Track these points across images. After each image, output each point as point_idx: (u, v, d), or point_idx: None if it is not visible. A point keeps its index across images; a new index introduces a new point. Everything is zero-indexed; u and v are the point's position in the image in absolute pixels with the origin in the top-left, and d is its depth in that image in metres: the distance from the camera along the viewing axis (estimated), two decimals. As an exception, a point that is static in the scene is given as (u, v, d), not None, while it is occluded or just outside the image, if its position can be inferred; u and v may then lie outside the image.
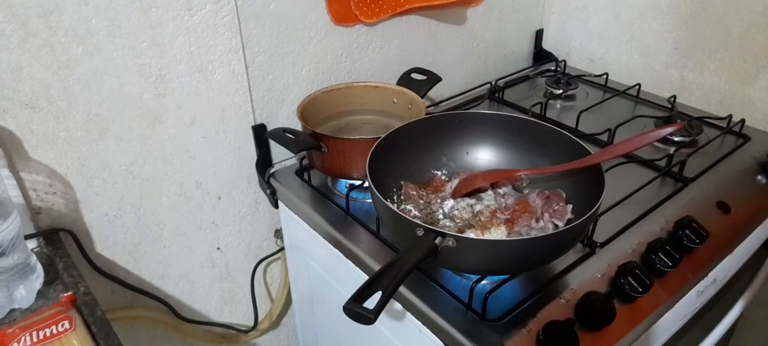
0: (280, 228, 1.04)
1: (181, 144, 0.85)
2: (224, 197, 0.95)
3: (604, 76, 1.21)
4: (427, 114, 0.85)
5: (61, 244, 0.75)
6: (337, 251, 0.82)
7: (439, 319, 0.65)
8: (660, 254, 0.71)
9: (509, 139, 0.81)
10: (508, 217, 0.72)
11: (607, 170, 0.71)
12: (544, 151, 0.78)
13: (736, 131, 1.00)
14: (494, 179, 0.77)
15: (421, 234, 0.59)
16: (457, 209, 0.74)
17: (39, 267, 0.69)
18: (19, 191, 0.72)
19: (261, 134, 0.92)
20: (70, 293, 0.66)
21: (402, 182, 0.78)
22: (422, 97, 0.91)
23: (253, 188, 0.98)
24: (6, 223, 0.61)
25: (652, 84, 1.19)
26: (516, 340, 0.62)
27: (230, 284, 1.04)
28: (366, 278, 0.62)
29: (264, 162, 0.95)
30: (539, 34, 1.34)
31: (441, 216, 0.74)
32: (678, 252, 0.71)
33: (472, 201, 0.75)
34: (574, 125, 1.02)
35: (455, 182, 0.78)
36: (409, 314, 0.71)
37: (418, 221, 0.60)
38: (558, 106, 1.14)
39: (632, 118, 1.02)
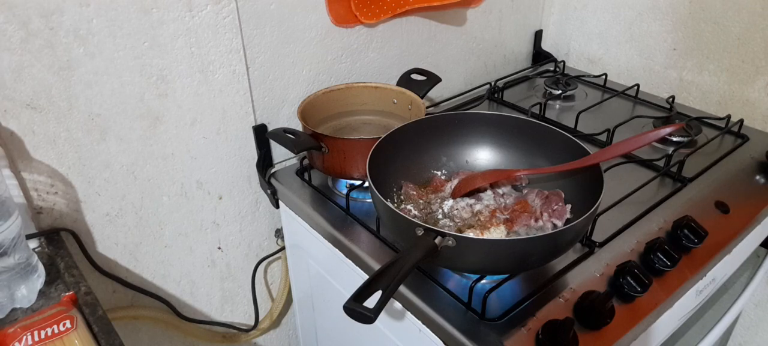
0: (281, 228, 1.04)
1: (182, 144, 0.86)
2: (225, 196, 0.95)
3: (603, 76, 1.21)
4: (426, 114, 0.85)
5: (62, 244, 0.76)
6: (337, 250, 0.82)
7: (439, 318, 0.66)
8: (659, 254, 0.72)
9: (508, 140, 0.81)
10: (508, 217, 0.73)
11: (606, 170, 0.72)
12: (543, 152, 0.78)
13: (734, 131, 1.00)
14: (493, 178, 0.77)
15: (420, 234, 0.59)
16: (457, 209, 0.75)
17: (40, 267, 0.69)
18: (20, 190, 0.72)
19: (262, 134, 0.93)
20: (71, 293, 0.66)
21: (402, 182, 0.79)
22: (422, 97, 0.91)
23: (254, 188, 0.98)
24: (7, 223, 0.61)
25: (650, 84, 1.20)
26: (515, 339, 0.62)
27: (231, 283, 1.04)
28: (366, 277, 0.62)
29: (265, 162, 0.96)
30: (538, 35, 1.35)
31: (441, 216, 0.74)
32: (677, 252, 0.72)
33: (471, 201, 0.76)
34: (573, 126, 1.02)
35: (455, 181, 0.78)
36: (409, 313, 0.71)
37: (418, 221, 0.60)
38: (557, 106, 1.14)
39: (631, 119, 1.02)
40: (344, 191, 0.86)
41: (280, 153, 0.98)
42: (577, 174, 0.73)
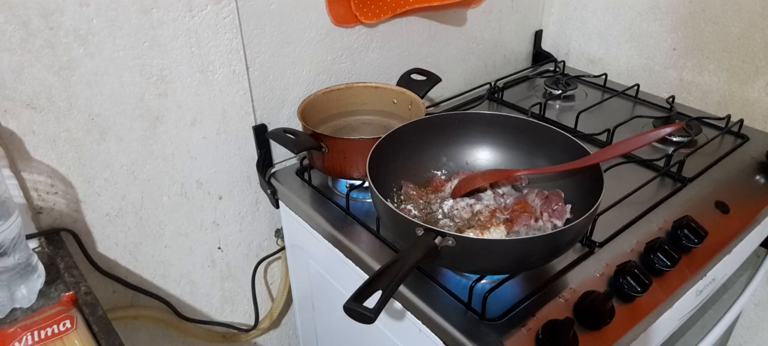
0: (281, 228, 1.04)
1: (182, 144, 0.86)
2: (225, 196, 0.95)
3: (603, 76, 1.21)
4: (426, 114, 0.85)
5: (62, 244, 0.76)
6: (337, 250, 0.82)
7: (439, 318, 0.66)
8: (659, 254, 0.72)
9: (508, 140, 0.81)
10: (508, 217, 0.73)
11: (606, 170, 0.72)
12: (543, 152, 0.78)
13: (734, 131, 1.00)
14: (493, 178, 0.77)
15: (420, 234, 0.59)
16: (457, 209, 0.75)
17: (40, 267, 0.69)
18: (20, 190, 0.72)
19: (262, 134, 0.93)
20: (71, 293, 0.66)
21: (402, 182, 0.79)
22: (422, 97, 0.91)
23: (254, 188, 0.98)
24: (7, 223, 0.61)
25: (650, 84, 1.20)
26: (515, 339, 0.62)
27: (231, 283, 1.04)
28: (366, 277, 0.62)
29: (265, 162, 0.96)
30: (538, 35, 1.35)
31: (440, 216, 0.74)
32: (677, 252, 0.72)
33: (471, 201, 0.76)
34: (573, 126, 1.02)
35: (455, 181, 0.78)
36: (409, 313, 0.71)
37: (418, 221, 0.60)
38: (557, 106, 1.14)
39: (631, 119, 1.02)
40: (344, 191, 0.86)
41: (280, 153, 0.98)
42: (577, 174, 0.73)
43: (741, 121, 1.00)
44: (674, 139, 0.97)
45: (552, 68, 1.30)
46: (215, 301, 1.03)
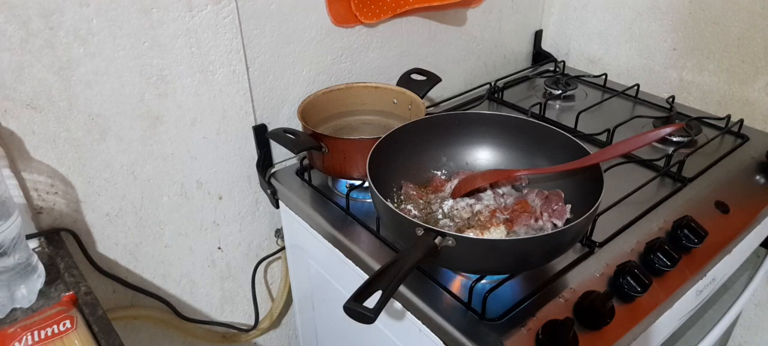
0: (281, 228, 1.04)
1: (182, 144, 0.86)
2: (225, 196, 0.95)
3: (603, 76, 1.21)
4: (426, 114, 0.85)
5: (62, 244, 0.76)
6: (337, 250, 0.82)
7: (439, 318, 0.66)
8: (659, 254, 0.72)
9: (508, 140, 0.81)
10: (508, 216, 0.73)
11: (606, 170, 0.72)
12: (543, 152, 0.78)
13: (734, 131, 1.00)
14: (493, 178, 0.77)
15: (420, 234, 0.59)
16: (457, 209, 0.75)
17: (40, 267, 0.69)
18: (20, 190, 0.72)
19: (262, 134, 0.93)
20: (71, 293, 0.66)
21: (402, 182, 0.79)
22: (422, 97, 0.91)
23: (254, 188, 0.98)
24: (7, 223, 0.61)
25: (650, 84, 1.20)
26: (515, 339, 0.62)
27: (231, 283, 1.04)
28: (366, 277, 0.62)
29: (265, 162, 0.96)
30: (538, 35, 1.35)
31: (440, 216, 0.74)
32: (677, 252, 0.72)
33: (471, 201, 0.76)
34: (573, 126, 1.02)
35: (455, 181, 0.78)
36: (409, 313, 0.71)
37: (418, 221, 0.60)
38: (557, 106, 1.14)
39: (631, 119, 1.02)
40: (344, 191, 0.86)
41: (280, 153, 0.98)
42: (577, 174, 0.73)
43: (741, 121, 1.00)
44: (674, 139, 0.97)
45: (552, 68, 1.30)
46: (215, 301, 1.03)
